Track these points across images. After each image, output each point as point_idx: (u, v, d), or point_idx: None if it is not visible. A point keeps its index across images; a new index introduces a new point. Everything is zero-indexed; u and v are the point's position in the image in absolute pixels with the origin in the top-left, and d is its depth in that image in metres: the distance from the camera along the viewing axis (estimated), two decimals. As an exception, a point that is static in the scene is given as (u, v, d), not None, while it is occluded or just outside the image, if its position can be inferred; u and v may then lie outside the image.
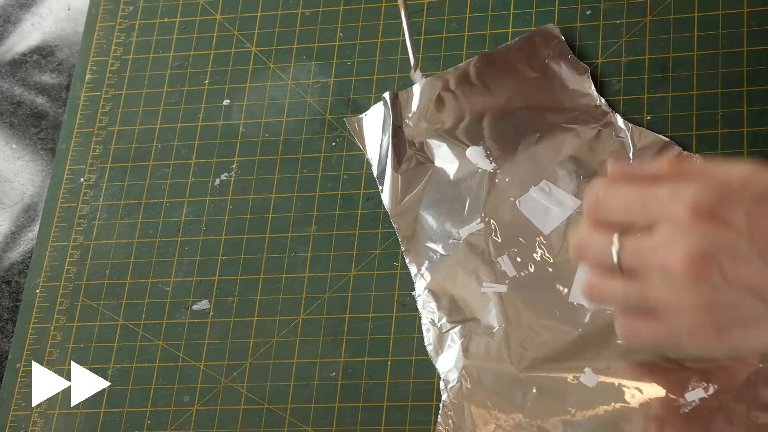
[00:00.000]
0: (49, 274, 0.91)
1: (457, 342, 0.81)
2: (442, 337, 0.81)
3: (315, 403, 0.83)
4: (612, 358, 0.78)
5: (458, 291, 0.82)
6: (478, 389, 0.79)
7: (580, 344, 0.79)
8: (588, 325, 0.79)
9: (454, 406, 0.79)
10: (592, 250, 0.66)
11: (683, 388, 0.76)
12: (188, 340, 0.86)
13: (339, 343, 0.84)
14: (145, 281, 0.89)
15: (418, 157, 0.87)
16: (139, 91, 0.95)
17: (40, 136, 1.02)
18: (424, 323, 0.82)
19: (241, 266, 0.88)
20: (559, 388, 0.78)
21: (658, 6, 0.87)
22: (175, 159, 0.92)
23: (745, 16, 0.85)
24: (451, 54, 0.90)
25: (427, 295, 0.83)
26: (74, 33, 1.05)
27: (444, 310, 0.82)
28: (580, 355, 0.78)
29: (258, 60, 0.94)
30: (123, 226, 0.91)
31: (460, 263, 0.83)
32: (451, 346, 0.81)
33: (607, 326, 0.78)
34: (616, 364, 0.77)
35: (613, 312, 0.68)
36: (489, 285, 0.82)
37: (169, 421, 0.84)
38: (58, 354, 0.88)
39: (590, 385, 0.77)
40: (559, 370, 0.78)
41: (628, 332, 0.68)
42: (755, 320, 0.63)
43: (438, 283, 0.83)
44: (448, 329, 0.82)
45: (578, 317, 0.79)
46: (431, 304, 0.83)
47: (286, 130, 0.91)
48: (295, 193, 0.89)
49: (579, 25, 0.81)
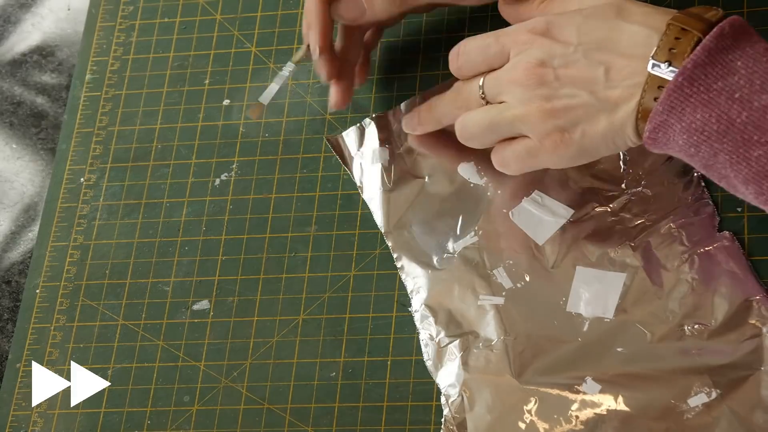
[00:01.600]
0: (49, 274, 0.91)
1: (457, 356, 0.81)
2: (441, 352, 0.81)
3: (315, 403, 0.83)
4: (613, 366, 0.77)
5: (455, 305, 0.82)
6: (480, 403, 0.79)
7: (580, 354, 0.78)
8: (587, 334, 0.79)
9: (456, 420, 0.79)
10: (464, 93, 0.79)
11: (686, 394, 0.76)
12: (188, 340, 0.86)
13: (339, 343, 0.84)
14: (145, 281, 0.89)
15: (407, 173, 0.87)
16: (139, 91, 0.95)
17: (40, 136, 1.02)
18: (422, 338, 0.82)
19: (241, 266, 0.88)
20: (560, 398, 0.78)
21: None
22: (175, 159, 0.92)
23: (745, 17, 0.85)
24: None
25: (424, 310, 0.83)
26: (74, 33, 1.05)
27: (442, 325, 0.82)
28: (581, 364, 0.78)
29: (258, 60, 0.94)
30: (123, 226, 0.91)
31: (456, 277, 0.83)
32: (450, 360, 0.81)
33: (606, 335, 0.78)
34: (617, 371, 0.77)
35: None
36: (486, 297, 0.82)
37: (169, 421, 0.84)
38: (58, 354, 0.88)
39: (592, 393, 0.77)
40: (560, 380, 0.78)
41: (500, 159, 0.79)
42: (591, 117, 0.73)
43: (434, 298, 0.83)
44: (446, 343, 0.81)
45: (577, 326, 0.79)
46: (429, 319, 0.82)
47: (286, 130, 0.91)
48: (295, 193, 0.89)
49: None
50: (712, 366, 0.76)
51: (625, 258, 0.80)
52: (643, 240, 0.80)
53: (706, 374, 0.76)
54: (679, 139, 0.70)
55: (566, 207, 0.82)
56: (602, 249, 0.81)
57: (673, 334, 0.77)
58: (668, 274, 0.79)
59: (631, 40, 0.72)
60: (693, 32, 0.70)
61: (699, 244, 0.79)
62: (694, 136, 0.69)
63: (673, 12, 0.72)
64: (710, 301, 0.77)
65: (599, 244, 0.81)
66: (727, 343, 0.76)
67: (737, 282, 0.77)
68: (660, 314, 0.78)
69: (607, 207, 0.82)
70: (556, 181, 0.83)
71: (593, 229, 0.81)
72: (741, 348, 0.76)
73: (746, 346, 0.76)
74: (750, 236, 0.80)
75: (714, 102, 0.69)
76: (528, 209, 0.83)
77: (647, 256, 0.80)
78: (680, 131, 0.70)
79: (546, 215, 0.82)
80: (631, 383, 0.77)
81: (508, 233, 0.83)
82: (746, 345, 0.76)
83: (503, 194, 0.84)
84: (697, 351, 0.76)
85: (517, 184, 0.83)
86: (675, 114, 0.69)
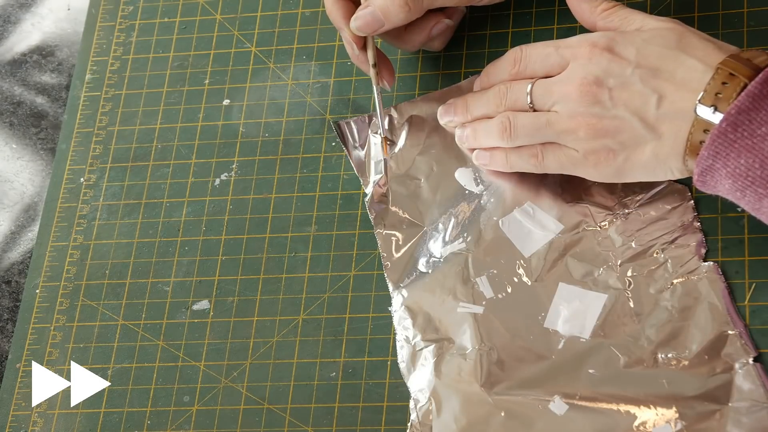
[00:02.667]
0: (49, 274, 0.91)
1: (430, 361, 0.81)
2: (415, 355, 0.81)
3: (315, 403, 0.83)
4: (583, 387, 0.77)
5: (435, 309, 0.82)
6: (447, 411, 0.79)
7: (551, 371, 0.78)
8: (561, 352, 0.79)
9: (423, 426, 0.79)
10: (512, 96, 0.80)
11: (651, 423, 0.76)
12: (188, 340, 0.86)
13: (339, 343, 0.84)
14: (145, 281, 0.89)
15: (404, 173, 0.86)
16: (139, 91, 0.95)
17: (40, 136, 1.02)
18: (398, 340, 0.82)
19: (241, 266, 0.88)
20: (527, 414, 0.78)
21: (658, 6, 0.87)
22: (175, 159, 0.92)
23: (745, 16, 0.85)
24: (450, 54, 0.90)
25: (403, 311, 0.83)
26: (74, 33, 1.05)
27: (419, 328, 0.82)
28: (552, 382, 0.78)
29: (258, 60, 0.94)
30: (123, 226, 0.91)
31: (439, 282, 0.83)
32: (423, 365, 0.81)
33: (579, 355, 0.78)
34: (586, 393, 0.77)
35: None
36: (465, 305, 0.82)
37: (169, 421, 0.84)
38: (58, 354, 0.88)
39: (559, 413, 0.77)
40: (529, 396, 0.78)
41: (538, 161, 0.80)
42: (638, 143, 0.75)
43: (415, 301, 0.83)
44: (421, 347, 0.81)
45: (552, 344, 0.79)
46: (407, 321, 0.82)
47: (286, 130, 0.91)
48: (295, 193, 0.89)
49: (578, 25, 0.81)
50: (680, 397, 0.76)
51: (608, 279, 0.80)
52: (629, 263, 0.80)
53: (674, 404, 0.76)
54: (725, 183, 0.71)
55: (556, 222, 0.82)
56: (587, 268, 0.80)
57: (647, 360, 0.77)
58: (649, 300, 0.79)
59: (687, 74, 0.73)
60: (740, 77, 0.70)
61: (683, 273, 0.79)
62: (739, 181, 0.70)
63: (730, 49, 0.73)
64: (687, 331, 0.77)
65: (585, 263, 0.81)
66: (698, 376, 0.76)
67: (716, 314, 0.77)
68: (636, 339, 0.78)
69: (598, 226, 0.82)
70: (550, 195, 0.83)
71: (581, 247, 0.81)
72: (711, 382, 0.76)
73: (716, 380, 0.76)
74: (750, 236, 0.80)
75: (758, 147, 0.69)
76: (518, 220, 0.83)
77: (631, 279, 0.80)
78: (726, 176, 0.71)
79: (536, 228, 0.82)
80: (599, 406, 0.77)
81: (496, 243, 0.83)
82: (716, 379, 0.76)
83: (497, 203, 0.84)
84: (667, 380, 0.76)
85: (512, 196, 0.83)
86: (720, 159, 0.70)
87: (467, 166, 0.85)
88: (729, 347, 0.76)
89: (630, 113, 0.75)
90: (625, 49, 0.75)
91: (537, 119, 0.78)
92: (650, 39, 0.75)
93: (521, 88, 0.79)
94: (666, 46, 0.74)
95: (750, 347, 0.76)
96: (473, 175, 0.85)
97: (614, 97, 0.75)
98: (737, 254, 0.79)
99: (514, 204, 0.83)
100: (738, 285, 0.79)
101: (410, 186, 0.86)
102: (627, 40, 0.76)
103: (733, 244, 0.80)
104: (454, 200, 0.85)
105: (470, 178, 0.85)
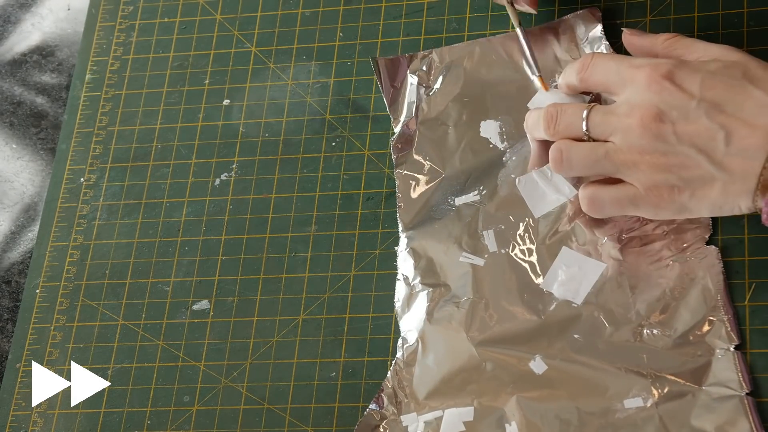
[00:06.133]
0: (49, 274, 0.91)
1: (425, 305, 0.82)
2: (412, 296, 0.83)
3: (315, 403, 0.83)
4: (564, 351, 0.78)
5: (438, 256, 0.83)
6: (431, 354, 0.80)
7: (538, 331, 0.79)
8: (551, 315, 0.80)
9: (405, 365, 0.80)
10: (564, 120, 0.76)
11: (624, 394, 0.76)
12: (188, 340, 0.86)
13: (339, 343, 0.84)
14: (145, 281, 0.89)
15: (435, 117, 0.87)
16: (139, 91, 0.95)
17: (40, 136, 1.02)
18: (398, 277, 0.83)
19: (241, 266, 0.88)
20: (507, 369, 0.79)
21: (658, 6, 0.87)
22: (175, 159, 0.92)
23: (745, 16, 0.85)
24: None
25: (408, 253, 0.84)
26: (74, 33, 1.05)
27: (420, 270, 0.83)
28: (536, 342, 0.79)
29: (258, 60, 0.94)
30: (123, 226, 0.91)
31: (447, 229, 0.84)
32: (417, 307, 0.82)
33: (568, 319, 0.79)
34: (566, 357, 0.78)
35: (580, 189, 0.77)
36: (467, 256, 0.83)
37: (169, 421, 0.84)
38: (58, 354, 0.88)
39: (538, 371, 0.78)
40: (512, 351, 0.79)
41: (593, 201, 0.76)
42: (704, 181, 0.71)
43: (421, 244, 0.84)
44: (419, 290, 0.83)
45: (544, 305, 0.80)
46: (409, 262, 0.83)
47: (286, 130, 0.91)
48: (295, 193, 0.89)
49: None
50: (657, 374, 0.76)
51: (610, 250, 0.80)
52: (633, 236, 0.80)
53: (649, 380, 0.76)
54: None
55: (571, 187, 0.82)
56: (592, 236, 0.81)
57: (632, 334, 0.78)
58: (646, 275, 0.79)
59: (756, 108, 0.70)
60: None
61: (684, 253, 0.79)
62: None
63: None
64: (677, 311, 0.78)
65: (591, 231, 0.81)
66: (679, 356, 0.76)
67: (708, 298, 0.78)
68: (626, 312, 0.78)
69: None
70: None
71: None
72: (690, 363, 0.76)
73: (695, 362, 0.76)
74: (750, 236, 0.80)
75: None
76: (534, 180, 0.83)
77: (632, 252, 0.80)
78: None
79: (550, 190, 0.83)
80: (577, 371, 0.78)
81: (509, 200, 0.83)
82: (696, 361, 0.76)
83: (518, 162, 0.84)
84: (648, 356, 0.77)
85: (534, 158, 0.82)
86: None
87: (496, 119, 0.86)
88: (714, 332, 0.77)
89: (696, 150, 0.71)
90: (688, 79, 0.72)
91: (594, 150, 0.75)
92: (715, 71, 0.72)
93: (576, 113, 0.76)
94: (731, 77, 0.71)
95: (734, 335, 0.76)
96: (499, 129, 0.86)
97: (679, 133, 0.71)
98: (737, 254, 0.79)
99: (536, 167, 0.84)
100: (738, 285, 0.79)
101: (437, 131, 0.87)
102: (690, 70, 0.72)
103: (733, 244, 0.80)
104: (477, 152, 0.85)
105: (495, 132, 0.86)
